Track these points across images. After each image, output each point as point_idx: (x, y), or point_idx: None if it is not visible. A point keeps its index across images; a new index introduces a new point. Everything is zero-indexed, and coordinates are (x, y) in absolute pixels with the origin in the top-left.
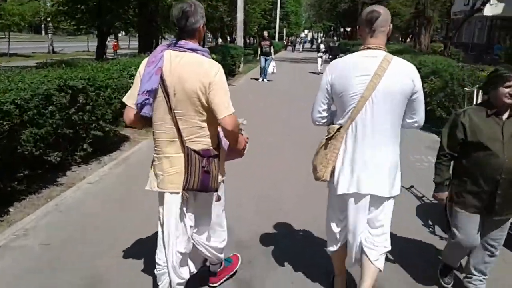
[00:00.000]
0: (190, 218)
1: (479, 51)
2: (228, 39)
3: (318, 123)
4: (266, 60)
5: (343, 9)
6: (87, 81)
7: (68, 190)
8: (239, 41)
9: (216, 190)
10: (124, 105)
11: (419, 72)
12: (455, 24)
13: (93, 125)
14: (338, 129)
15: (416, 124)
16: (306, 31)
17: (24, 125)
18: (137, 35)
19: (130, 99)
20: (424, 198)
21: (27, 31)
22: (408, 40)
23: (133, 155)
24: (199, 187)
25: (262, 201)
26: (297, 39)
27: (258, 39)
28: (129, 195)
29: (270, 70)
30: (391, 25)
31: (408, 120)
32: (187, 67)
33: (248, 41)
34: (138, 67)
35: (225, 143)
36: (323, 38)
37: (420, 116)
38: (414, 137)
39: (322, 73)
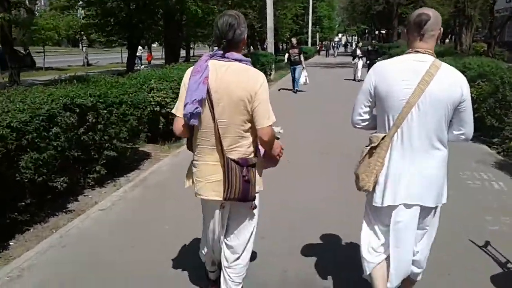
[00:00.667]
0: (227, 229)
1: None
2: (259, 47)
3: (358, 126)
4: (295, 69)
5: (377, 11)
6: (98, 98)
7: (77, 218)
8: (270, 48)
9: (254, 199)
10: (140, 122)
11: (464, 75)
12: (499, 23)
13: (106, 145)
14: (382, 138)
15: (463, 137)
16: (340, 35)
17: (23, 150)
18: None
19: (179, 110)
20: (509, 265)
21: (66, 45)
22: (447, 40)
23: (151, 176)
24: (240, 197)
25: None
26: (331, 43)
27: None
28: (142, 223)
29: (302, 80)
30: (442, 29)
31: (455, 132)
32: (234, 76)
33: (280, 47)
34: (158, 79)
35: (262, 150)
36: (359, 42)
37: (468, 128)
38: (462, 149)
39: (361, 80)
